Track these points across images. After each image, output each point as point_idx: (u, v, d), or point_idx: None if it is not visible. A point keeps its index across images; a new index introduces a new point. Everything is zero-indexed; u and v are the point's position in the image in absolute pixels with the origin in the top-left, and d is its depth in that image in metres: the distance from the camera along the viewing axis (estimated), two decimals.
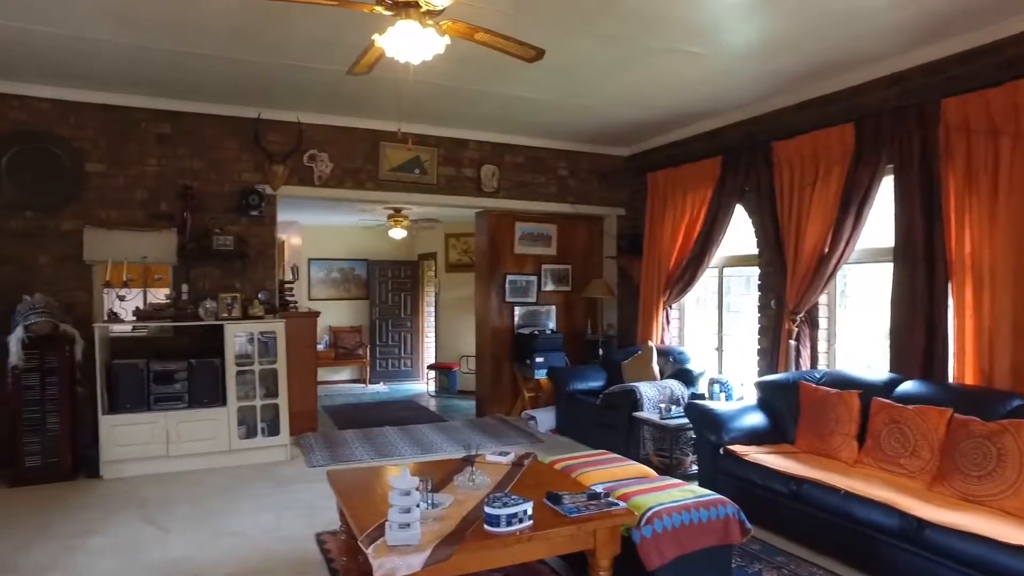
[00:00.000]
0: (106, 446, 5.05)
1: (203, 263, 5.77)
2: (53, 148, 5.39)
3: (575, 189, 7.37)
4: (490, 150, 6.91)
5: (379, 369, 11.45)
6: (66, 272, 5.43)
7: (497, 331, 7.26)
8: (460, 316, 10.52)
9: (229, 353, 5.39)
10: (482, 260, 7.38)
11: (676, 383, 5.71)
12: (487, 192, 6.88)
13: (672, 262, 6.67)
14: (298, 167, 6.10)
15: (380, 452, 5.84)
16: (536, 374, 6.87)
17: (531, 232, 7.40)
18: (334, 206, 8.97)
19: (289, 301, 6.81)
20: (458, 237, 10.58)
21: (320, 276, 11.39)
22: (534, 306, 7.43)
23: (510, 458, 3.71)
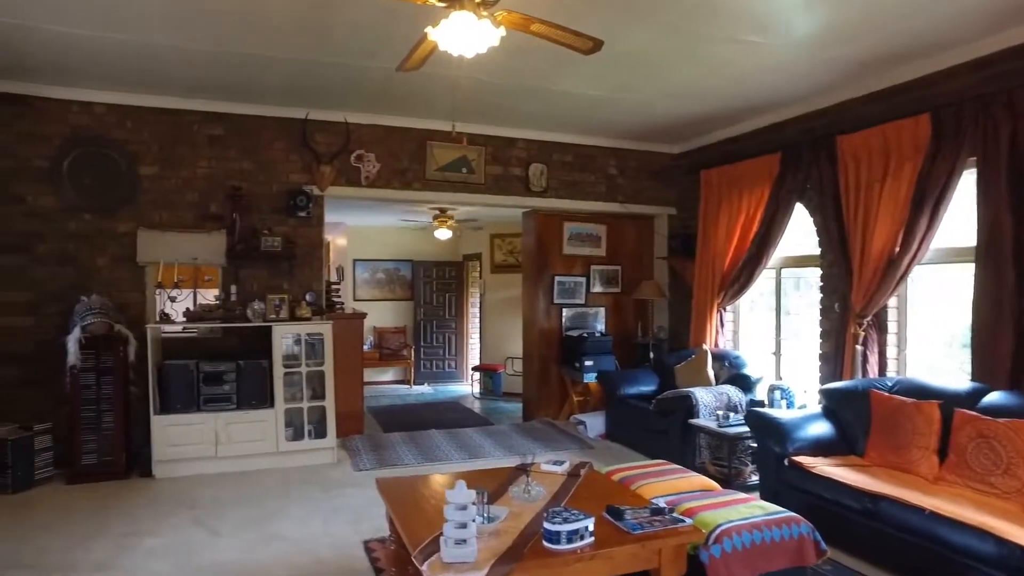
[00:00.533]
0: (158, 446, 5.08)
1: (251, 264, 5.78)
2: (110, 152, 5.46)
3: (625, 188, 7.17)
4: (538, 148, 6.76)
5: (423, 370, 11.42)
6: (121, 273, 5.49)
7: (544, 333, 7.12)
8: (505, 317, 10.41)
9: (277, 355, 5.37)
10: (529, 261, 7.24)
11: (733, 389, 5.47)
12: (535, 191, 6.73)
13: (727, 263, 6.42)
14: (345, 167, 6.06)
15: (427, 456, 5.75)
16: (585, 378, 6.70)
17: (580, 232, 7.23)
18: (379, 207, 8.97)
19: (335, 302, 6.79)
20: (503, 238, 10.47)
21: (365, 277, 11.43)
22: (582, 308, 7.25)
23: (565, 467, 3.56)
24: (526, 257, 7.35)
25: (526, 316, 7.30)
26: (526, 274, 7.35)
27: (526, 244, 7.34)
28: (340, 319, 6.38)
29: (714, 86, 5.26)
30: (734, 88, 5.30)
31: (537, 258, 7.10)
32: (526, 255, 7.34)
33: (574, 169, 6.93)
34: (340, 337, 6.07)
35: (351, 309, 7.51)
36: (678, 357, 6.41)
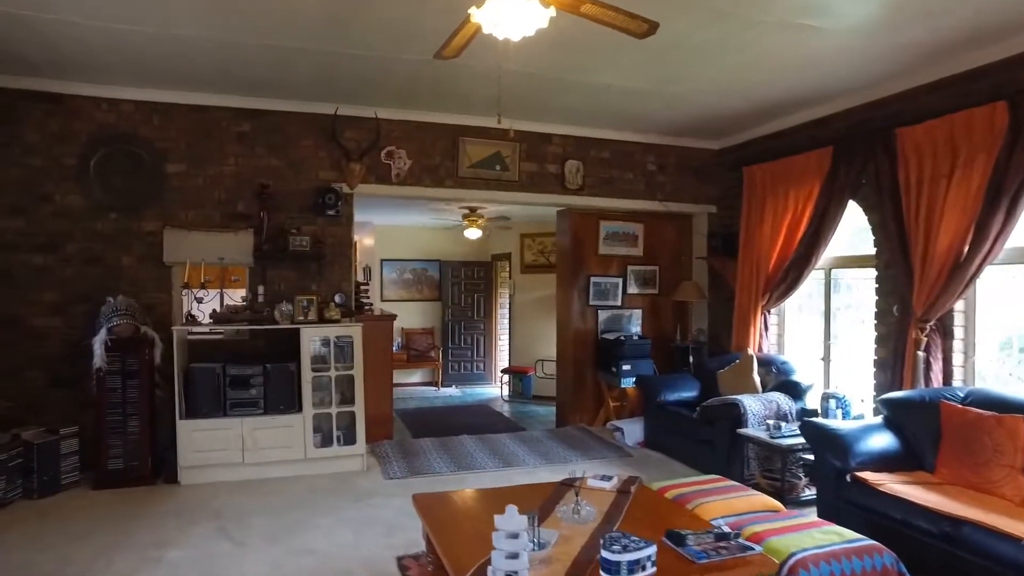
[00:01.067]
0: (183, 451, 4.93)
1: (279, 264, 5.62)
2: (137, 149, 5.33)
3: (664, 185, 6.88)
4: (574, 144, 6.51)
5: (451, 372, 11.23)
6: (147, 273, 5.36)
7: (579, 336, 6.86)
8: (536, 319, 10.17)
9: (305, 358, 5.19)
10: (564, 261, 6.99)
11: (782, 397, 5.16)
12: (571, 189, 6.48)
13: (772, 263, 6.10)
14: (375, 165, 5.87)
15: (459, 464, 5.53)
16: (622, 383, 6.43)
17: (616, 231, 6.96)
18: (408, 206, 8.78)
19: (364, 303, 6.61)
20: (534, 237, 10.23)
21: (392, 277, 11.27)
22: (618, 310, 6.98)
23: (614, 484, 3.31)
24: (560, 257, 7.10)
25: (560, 318, 7.06)
26: (560, 275, 7.10)
27: (561, 243, 7.09)
28: (369, 320, 6.19)
29: (762, 78, 4.96)
30: (784, 79, 5.00)
31: (572, 258, 6.84)
32: (560, 255, 7.09)
33: (611, 166, 6.67)
34: (369, 339, 5.89)
35: (379, 310, 7.33)
36: (720, 362, 6.10)
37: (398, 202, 8.62)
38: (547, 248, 10.12)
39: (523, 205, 6.59)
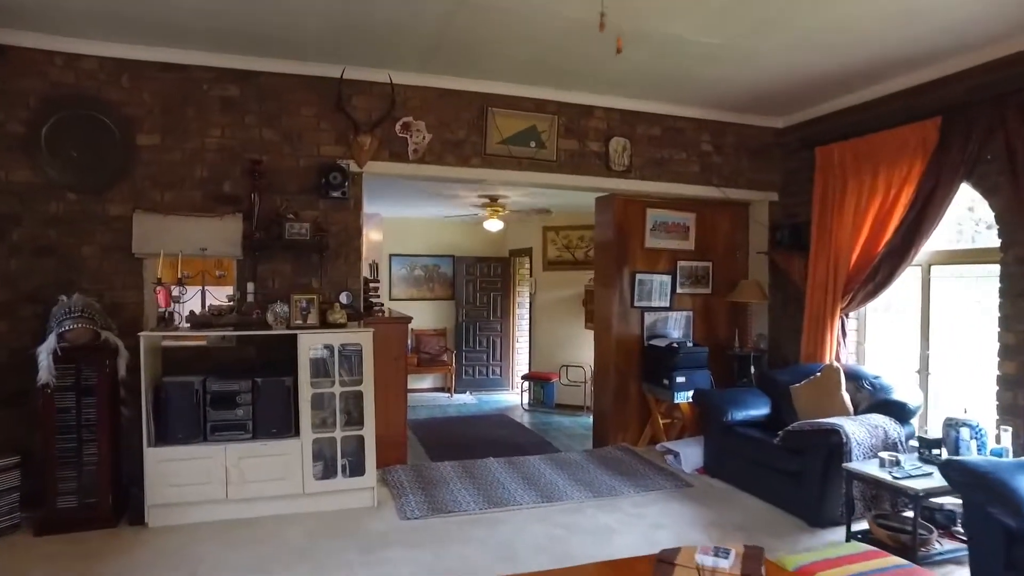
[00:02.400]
0: (153, 486, 3.94)
1: (273, 256, 4.63)
2: (101, 116, 4.34)
3: (721, 168, 5.87)
4: (620, 119, 5.51)
5: (465, 377, 10.24)
6: (113, 267, 4.37)
7: (622, 341, 5.85)
8: (559, 320, 9.17)
9: (303, 370, 4.20)
10: (605, 255, 5.98)
11: (888, 421, 4.16)
12: (616, 171, 5.48)
13: (854, 258, 5.11)
14: (389, 138, 4.87)
15: (490, 498, 4.53)
16: (676, 397, 5.43)
17: (665, 221, 5.95)
18: (420, 195, 7.80)
19: (374, 304, 5.62)
20: (558, 231, 9.22)
21: (402, 273, 10.27)
22: (666, 312, 5.97)
23: (732, 562, 2.30)
24: (600, 251, 6.09)
25: (600, 321, 6.05)
26: (600, 271, 6.10)
27: (601, 235, 6.07)
28: (381, 324, 5.20)
29: (859, 32, 3.96)
30: (882, 35, 4.01)
31: (615, 252, 5.83)
32: (600, 249, 6.08)
33: (662, 145, 5.66)
34: (381, 346, 4.91)
35: (388, 311, 6.34)
36: (793, 374, 5.10)
37: (409, 191, 7.64)
38: (573, 242, 9.12)
39: (562, 189, 5.58)
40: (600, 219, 6.05)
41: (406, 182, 6.52)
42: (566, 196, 7.63)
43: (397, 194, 7.73)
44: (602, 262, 6.03)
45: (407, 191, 7.56)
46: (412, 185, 7.00)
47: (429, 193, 7.69)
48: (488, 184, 6.45)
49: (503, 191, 7.41)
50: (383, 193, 7.59)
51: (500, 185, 5.49)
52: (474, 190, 7.21)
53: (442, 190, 7.33)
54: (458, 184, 6.55)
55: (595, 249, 6.16)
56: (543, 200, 7.83)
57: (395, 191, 7.47)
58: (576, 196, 7.73)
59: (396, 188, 7.21)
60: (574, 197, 7.72)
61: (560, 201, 8.15)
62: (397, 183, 6.66)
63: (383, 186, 6.92)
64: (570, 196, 7.64)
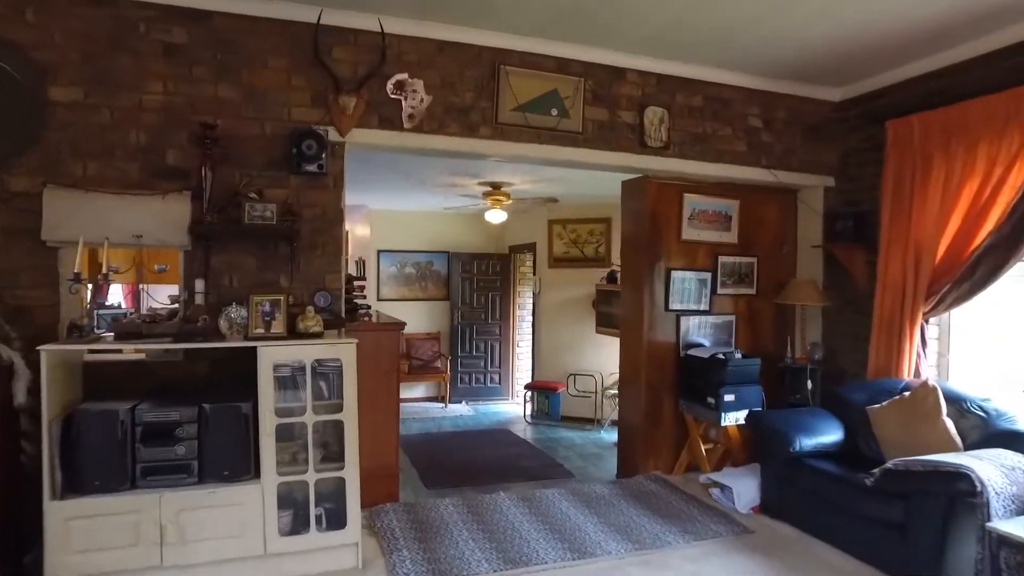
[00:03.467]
0: (56, 554, 2.89)
1: (230, 247, 3.60)
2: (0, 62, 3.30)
3: (770, 148, 4.92)
4: (656, 85, 4.54)
5: (460, 385, 9.22)
6: (16, 258, 3.32)
7: (654, 351, 4.87)
8: (566, 324, 8.20)
9: (265, 394, 3.18)
10: (634, 249, 4.99)
11: (1020, 459, 3.22)
12: (652, 147, 4.51)
13: (942, 252, 4.18)
14: (378, 101, 3.87)
15: (506, 554, 3.53)
16: (724, 418, 4.45)
17: (704, 209, 4.98)
18: (412, 183, 6.79)
19: (360, 306, 4.60)
20: (565, 224, 8.24)
21: (391, 271, 9.24)
22: (706, 316, 5.01)
23: None
24: (628, 245, 5.10)
25: (627, 327, 5.06)
26: (628, 268, 5.11)
27: (629, 226, 5.09)
28: (368, 331, 4.20)
29: None
30: None
31: (646, 245, 4.85)
32: (629, 242, 5.10)
33: (704, 118, 4.70)
34: (368, 358, 3.93)
35: (376, 315, 5.33)
36: (866, 392, 4.16)
37: (399, 177, 6.62)
38: (582, 237, 8.14)
39: (588, 169, 4.59)
40: (628, 206, 5.07)
41: (396, 163, 5.52)
42: (578, 183, 6.66)
43: (385, 180, 6.72)
44: (630, 257, 5.05)
45: (397, 177, 6.55)
46: (403, 169, 5.99)
47: (422, 181, 6.68)
48: (495, 164, 5.47)
49: (508, 176, 6.42)
50: (369, 178, 6.58)
51: (512, 161, 4.47)
52: (475, 175, 6.22)
53: (438, 176, 6.33)
54: (458, 169, 5.56)
55: (622, 242, 5.18)
56: (555, 187, 6.84)
57: (383, 175, 6.46)
58: (588, 183, 6.76)
59: (384, 171, 6.20)
60: (586, 184, 6.75)
61: (569, 190, 7.16)
62: (385, 164, 5.65)
63: (368, 169, 5.91)
64: (581, 184, 6.67)
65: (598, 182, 6.56)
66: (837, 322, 5.05)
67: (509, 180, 6.64)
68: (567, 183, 6.81)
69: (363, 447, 3.67)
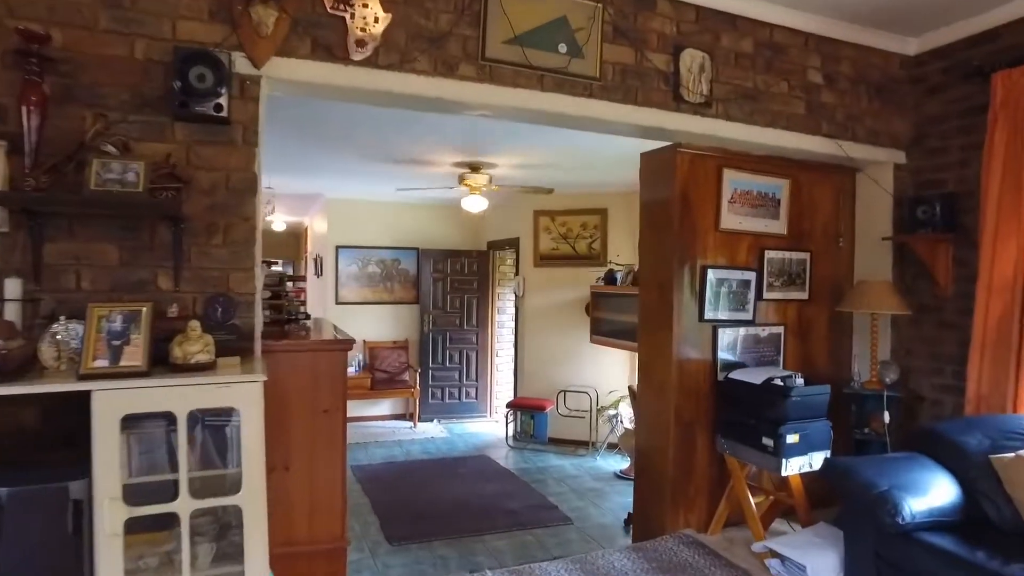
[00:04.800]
0: None
1: (77, 228, 2.32)
2: None
3: (833, 111, 3.79)
4: (695, 22, 3.36)
5: (432, 402, 7.97)
6: None
7: (687, 373, 3.69)
8: (555, 331, 7.02)
9: (107, 466, 1.90)
10: (657, 241, 3.79)
11: None
12: (691, 102, 3.33)
13: None
14: (313, 17, 2.61)
15: None
16: (786, 466, 3.28)
17: (749, 190, 3.82)
18: (371, 159, 5.56)
19: (294, 316, 3.34)
20: (553, 216, 7.06)
21: (352, 271, 7.94)
22: (749, 327, 3.85)
23: None
24: (649, 235, 3.89)
25: (649, 341, 3.87)
26: (648, 266, 3.91)
27: (652, 211, 3.87)
28: (298, 352, 2.94)
29: None
30: None
31: (676, 235, 3.65)
32: (650, 231, 3.89)
33: (754, 68, 3.54)
34: (299, 393, 2.73)
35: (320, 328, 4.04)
36: (984, 433, 3.04)
37: (355, 152, 5.37)
38: (574, 231, 6.97)
39: (606, 129, 3.38)
40: (651, 186, 3.87)
41: (350, 127, 4.26)
42: (572, 166, 5.49)
43: (337, 156, 5.45)
44: (652, 252, 3.85)
45: (352, 152, 5.30)
46: (361, 140, 4.74)
47: (385, 158, 5.43)
48: (476, 132, 4.28)
49: (491, 154, 5.21)
50: (314, 153, 5.32)
51: (504, 116, 3.23)
52: (451, 146, 5.00)
53: (404, 147, 5.09)
54: (430, 138, 4.32)
55: (641, 234, 3.97)
56: (547, 174, 5.63)
57: (333, 149, 5.20)
58: (583, 168, 5.59)
59: (334, 142, 4.95)
60: (580, 169, 5.58)
61: (561, 178, 5.98)
62: (334, 128, 4.40)
63: (309, 135, 4.67)
64: (575, 166, 5.49)
65: (594, 165, 5.41)
66: (910, 336, 3.95)
67: (491, 160, 5.43)
68: (560, 168, 5.63)
69: (299, 516, 2.46)
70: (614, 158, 5.13)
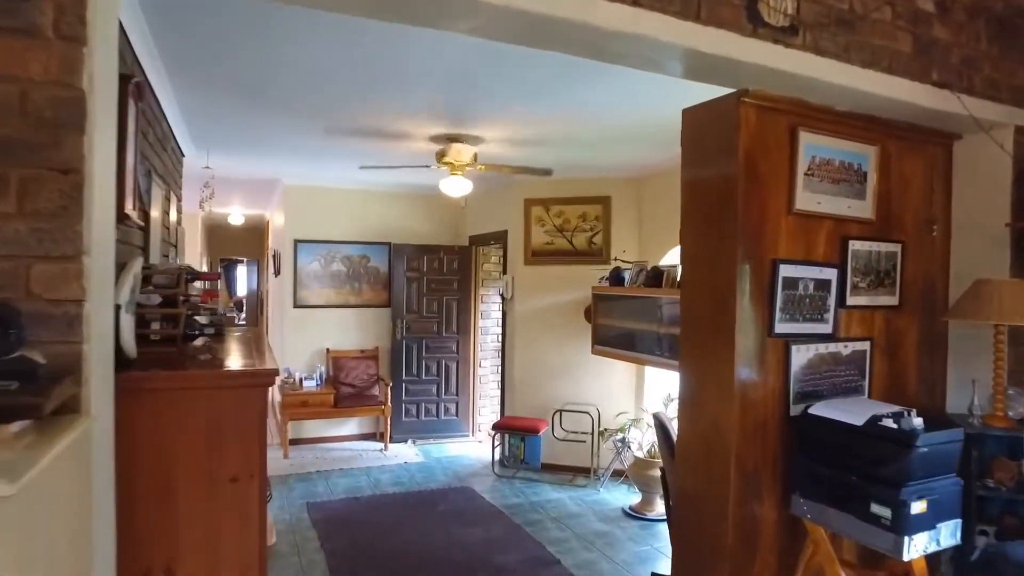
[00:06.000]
0: None
1: None
2: None
3: (946, 53, 2.79)
4: None
5: (406, 419, 6.88)
6: None
7: (751, 404, 2.65)
8: (550, 340, 5.99)
9: None
10: (710, 227, 2.74)
11: None
12: (771, 24, 2.30)
13: None
14: None
15: None
16: (909, 547, 2.27)
17: (830, 159, 2.80)
18: (332, 131, 4.49)
19: (196, 331, 2.24)
20: (548, 205, 6.01)
21: (314, 268, 6.81)
22: (828, 343, 2.83)
23: None
24: (695, 221, 2.82)
25: (695, 362, 2.82)
26: (693, 262, 2.85)
27: (703, 187, 2.80)
28: (190, 388, 1.85)
29: None
30: None
31: (742, 218, 2.61)
32: (696, 216, 2.82)
33: None
34: (195, 447, 1.73)
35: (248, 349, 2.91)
36: None
37: (311, 123, 4.31)
38: (571, 223, 5.94)
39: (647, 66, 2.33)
40: (699, 153, 2.82)
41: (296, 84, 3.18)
42: (573, 139, 4.46)
43: (286, 127, 4.36)
44: (704, 242, 2.80)
45: (302, 119, 4.22)
46: (313, 103, 3.67)
47: (351, 128, 4.35)
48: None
49: (479, 125, 4.15)
50: (255, 121, 4.22)
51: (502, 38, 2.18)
52: (427, 113, 3.94)
53: (373, 117, 4.02)
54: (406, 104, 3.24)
55: (686, 218, 2.90)
56: (543, 153, 4.59)
57: (277, 113, 4.11)
58: (586, 148, 4.58)
59: (278, 101, 3.87)
60: (583, 146, 4.56)
61: (560, 156, 4.95)
62: (279, 87, 3.33)
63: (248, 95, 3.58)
64: (577, 141, 4.47)
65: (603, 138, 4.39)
66: None
67: (476, 133, 4.37)
68: (557, 145, 4.60)
69: None
70: (631, 128, 4.12)
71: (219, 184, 6.97)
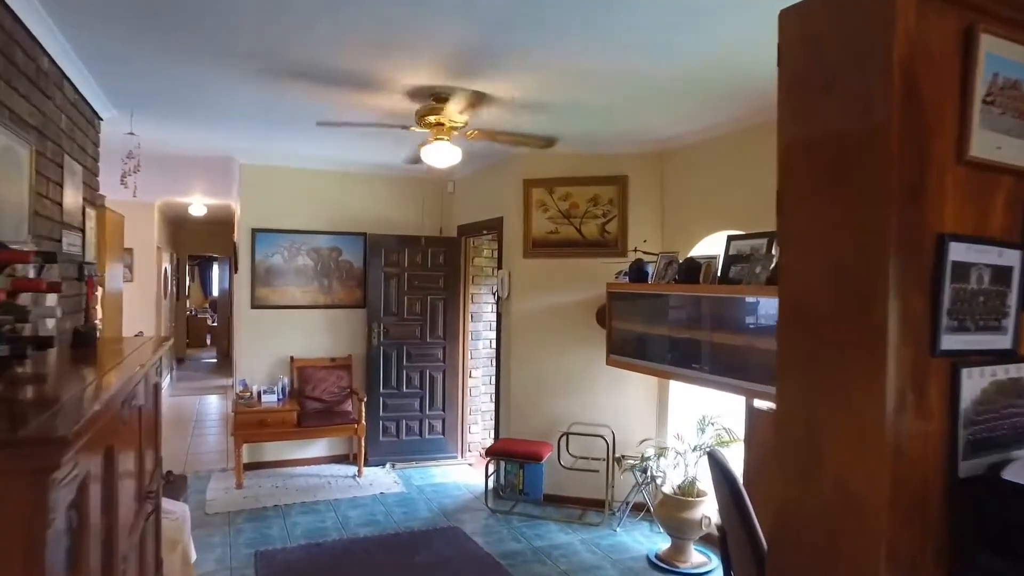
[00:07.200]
0: None
1: None
2: None
3: None
4: None
5: (384, 439, 5.86)
6: None
7: (905, 463, 1.67)
8: (554, 347, 5.00)
9: None
10: (832, 182, 1.75)
11: None
12: None
13: None
14: None
15: None
16: None
17: (1018, 79, 1.82)
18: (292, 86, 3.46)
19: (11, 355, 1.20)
20: (551, 186, 5.02)
21: (275, 262, 5.76)
22: (1010, 364, 1.85)
23: None
24: (802, 174, 1.83)
25: (803, 390, 1.82)
26: (802, 244, 1.86)
27: (812, 125, 1.80)
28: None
29: None
30: None
31: (898, 167, 1.63)
32: (803, 165, 1.82)
33: None
34: None
35: None
36: None
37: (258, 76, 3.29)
38: (580, 207, 4.94)
39: None
40: (809, 66, 1.81)
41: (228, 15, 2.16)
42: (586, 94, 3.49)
43: (223, 77, 3.32)
44: (820, 206, 1.80)
45: (242, 65, 3.19)
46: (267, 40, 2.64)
47: (302, 72, 3.33)
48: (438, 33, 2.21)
49: (476, 77, 3.15)
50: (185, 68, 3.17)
51: None
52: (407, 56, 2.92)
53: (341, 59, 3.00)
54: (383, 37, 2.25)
55: (786, 184, 1.91)
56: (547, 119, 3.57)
57: (207, 57, 3.07)
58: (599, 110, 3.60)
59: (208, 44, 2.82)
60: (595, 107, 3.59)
61: (568, 123, 3.97)
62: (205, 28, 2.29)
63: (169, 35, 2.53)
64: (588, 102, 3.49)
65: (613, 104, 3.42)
66: None
67: (464, 86, 3.35)
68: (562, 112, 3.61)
69: None
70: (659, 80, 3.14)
71: (169, 166, 5.90)
